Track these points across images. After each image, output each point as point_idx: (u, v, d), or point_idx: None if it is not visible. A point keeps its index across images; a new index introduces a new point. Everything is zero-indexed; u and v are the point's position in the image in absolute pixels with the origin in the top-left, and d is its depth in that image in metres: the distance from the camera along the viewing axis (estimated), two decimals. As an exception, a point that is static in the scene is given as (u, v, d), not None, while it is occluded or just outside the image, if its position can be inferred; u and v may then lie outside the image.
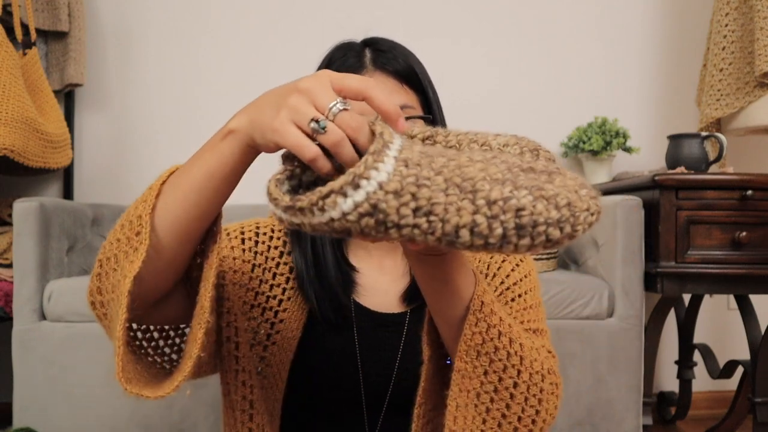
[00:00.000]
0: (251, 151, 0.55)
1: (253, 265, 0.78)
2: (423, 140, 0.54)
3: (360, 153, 0.48)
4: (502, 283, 0.78)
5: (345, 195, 0.43)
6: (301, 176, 0.52)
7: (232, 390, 0.75)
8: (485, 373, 0.61)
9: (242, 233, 0.80)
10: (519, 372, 0.63)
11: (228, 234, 0.80)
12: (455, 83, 2.13)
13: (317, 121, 0.48)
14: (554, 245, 0.44)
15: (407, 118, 0.76)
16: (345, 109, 0.48)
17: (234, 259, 0.78)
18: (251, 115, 0.53)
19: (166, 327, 0.70)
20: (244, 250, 0.79)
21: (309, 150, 0.48)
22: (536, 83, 2.23)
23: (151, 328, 0.69)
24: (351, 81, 0.50)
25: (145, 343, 0.69)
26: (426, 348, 0.65)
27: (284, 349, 0.77)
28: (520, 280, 0.79)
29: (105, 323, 0.64)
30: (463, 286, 0.60)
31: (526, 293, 0.78)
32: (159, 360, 0.70)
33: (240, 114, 0.55)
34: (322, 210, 0.44)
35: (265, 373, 0.77)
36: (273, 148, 0.52)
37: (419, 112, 0.79)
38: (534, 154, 0.54)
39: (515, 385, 0.62)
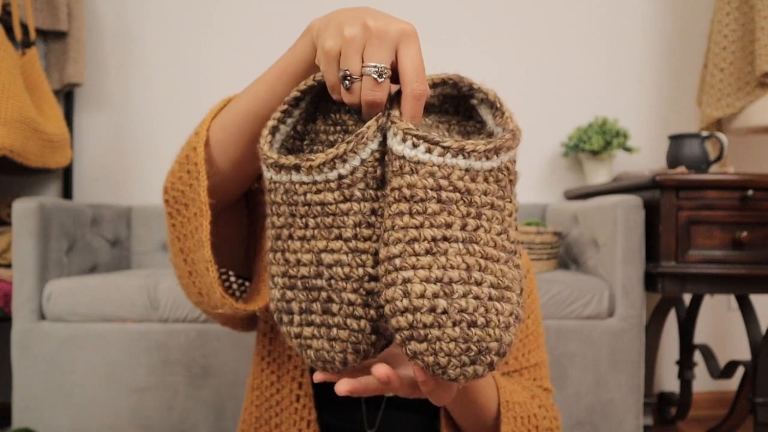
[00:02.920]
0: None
1: None
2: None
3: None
4: None
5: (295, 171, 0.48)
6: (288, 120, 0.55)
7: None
8: None
9: None
10: None
11: None
12: (455, 83, 2.12)
13: (345, 77, 0.46)
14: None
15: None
16: (374, 78, 0.45)
17: None
18: (325, 22, 0.51)
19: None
20: None
21: (334, 89, 0.49)
22: (536, 83, 2.23)
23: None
24: (413, 64, 0.46)
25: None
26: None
27: None
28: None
29: (172, 221, 0.65)
30: (489, 402, 0.64)
31: (528, 317, 0.79)
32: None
33: (322, 17, 0.52)
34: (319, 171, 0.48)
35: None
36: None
37: None
38: None
39: None
